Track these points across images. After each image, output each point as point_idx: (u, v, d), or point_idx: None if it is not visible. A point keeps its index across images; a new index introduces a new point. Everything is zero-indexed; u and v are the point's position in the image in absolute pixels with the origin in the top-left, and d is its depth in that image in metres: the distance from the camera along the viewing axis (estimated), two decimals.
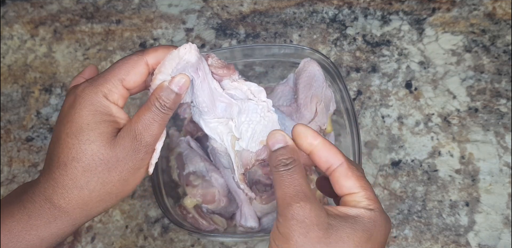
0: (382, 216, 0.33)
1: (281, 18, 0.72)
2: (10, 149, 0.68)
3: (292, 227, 0.31)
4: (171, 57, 0.38)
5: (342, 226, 0.31)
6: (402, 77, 0.67)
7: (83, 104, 0.36)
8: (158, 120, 0.37)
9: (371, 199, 0.34)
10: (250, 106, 0.41)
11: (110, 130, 0.36)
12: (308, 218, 0.31)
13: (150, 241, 0.62)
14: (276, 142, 0.35)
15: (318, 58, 0.58)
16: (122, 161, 0.36)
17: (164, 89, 0.37)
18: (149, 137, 0.37)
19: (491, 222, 0.60)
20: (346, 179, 0.34)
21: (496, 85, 0.66)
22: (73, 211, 0.36)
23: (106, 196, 0.37)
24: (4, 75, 0.73)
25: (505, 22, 0.69)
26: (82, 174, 0.35)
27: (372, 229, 0.32)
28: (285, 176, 0.33)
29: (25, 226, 0.35)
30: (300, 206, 0.31)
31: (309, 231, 0.31)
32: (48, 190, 0.35)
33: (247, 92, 0.41)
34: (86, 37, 0.73)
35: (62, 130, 0.36)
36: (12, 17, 0.76)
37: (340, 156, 0.35)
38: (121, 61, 0.37)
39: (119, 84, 0.37)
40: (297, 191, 0.32)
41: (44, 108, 0.70)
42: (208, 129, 0.41)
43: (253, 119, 0.41)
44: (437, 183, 0.62)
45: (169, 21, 0.73)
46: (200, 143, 0.60)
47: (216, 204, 0.55)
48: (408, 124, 0.65)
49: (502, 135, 0.63)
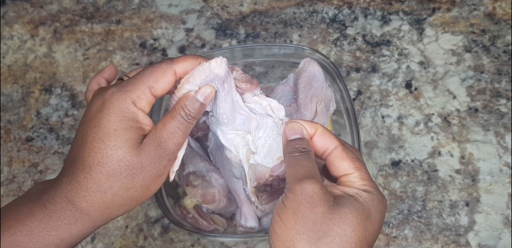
0: (377, 195, 0.35)
1: (281, 18, 0.72)
2: (10, 149, 0.68)
3: (300, 201, 0.33)
4: (201, 69, 0.38)
5: (344, 203, 0.33)
6: (402, 77, 0.67)
7: (111, 109, 0.36)
8: (183, 129, 0.37)
9: (365, 179, 0.35)
10: (269, 122, 0.42)
11: (136, 136, 0.36)
12: (316, 194, 0.33)
13: (150, 241, 0.62)
14: (294, 132, 0.37)
15: (318, 58, 0.58)
16: (146, 167, 0.36)
17: (190, 99, 0.38)
18: (173, 145, 0.37)
19: (491, 222, 0.60)
20: (340, 160, 0.36)
21: (496, 85, 0.66)
22: (94, 213, 0.36)
23: (127, 200, 0.37)
24: (4, 75, 0.73)
25: (505, 22, 0.69)
26: (106, 178, 0.36)
27: (370, 208, 0.34)
28: (300, 159, 0.36)
29: (46, 227, 0.35)
30: (311, 183, 0.33)
31: (316, 206, 0.32)
32: (71, 192, 0.36)
33: (267, 108, 0.42)
34: (86, 37, 0.73)
35: (88, 133, 0.36)
36: (12, 17, 0.76)
37: (335, 140, 0.37)
38: (150, 68, 0.38)
39: (148, 91, 0.37)
40: (309, 171, 0.35)
41: (44, 108, 0.70)
42: (225, 140, 0.42)
43: (270, 135, 0.42)
44: (437, 183, 0.62)
45: (169, 21, 0.73)
46: (200, 143, 0.60)
47: (216, 204, 0.55)
48: (408, 124, 0.65)
49: (502, 135, 0.63)
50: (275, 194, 0.54)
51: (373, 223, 0.34)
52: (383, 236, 0.60)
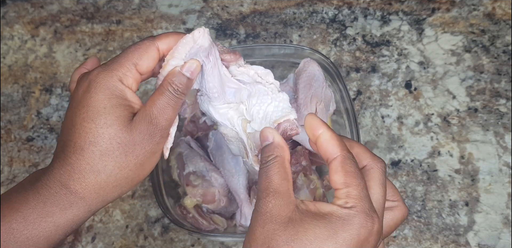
0: (359, 215, 0.31)
1: (281, 18, 0.72)
2: (10, 149, 0.68)
3: (254, 219, 0.33)
4: (184, 41, 0.38)
5: (302, 221, 0.31)
6: (401, 77, 0.68)
7: (98, 88, 0.35)
8: (172, 104, 0.37)
9: (351, 197, 0.32)
10: (260, 88, 0.41)
11: (126, 114, 0.36)
12: (269, 212, 0.32)
13: (150, 241, 0.62)
14: (264, 139, 0.36)
15: (318, 58, 0.58)
16: (139, 145, 0.36)
17: (176, 74, 0.37)
18: (164, 121, 0.37)
19: (490, 222, 0.60)
20: (334, 173, 0.33)
21: (495, 85, 0.66)
22: (89, 196, 0.36)
23: (122, 180, 0.37)
24: (4, 75, 0.73)
25: (505, 22, 0.69)
26: (99, 158, 0.35)
27: (337, 228, 0.31)
28: (261, 172, 0.35)
29: (41, 213, 0.35)
30: (265, 201, 0.33)
31: (266, 224, 0.32)
32: (64, 176, 0.35)
33: (254, 76, 0.41)
34: (87, 37, 0.74)
35: (77, 115, 0.36)
36: (13, 18, 0.76)
37: (338, 149, 0.34)
38: (133, 46, 0.38)
39: (133, 68, 0.37)
40: (266, 186, 0.33)
41: (44, 108, 0.70)
42: (218, 115, 0.42)
43: (264, 101, 0.41)
44: (436, 183, 0.62)
45: (169, 22, 0.74)
46: (200, 143, 0.60)
47: (216, 204, 0.55)
48: (408, 124, 0.65)
49: (501, 135, 0.63)
50: None
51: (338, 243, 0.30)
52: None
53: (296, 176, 0.55)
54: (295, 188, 0.55)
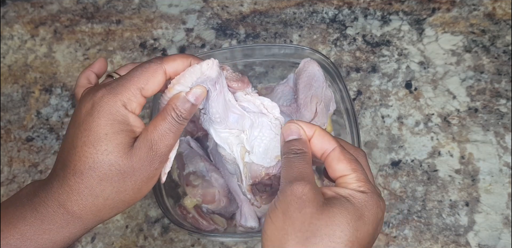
0: (373, 197, 0.34)
1: (281, 18, 0.72)
2: (10, 149, 0.68)
3: (290, 202, 0.33)
4: (192, 71, 0.38)
5: (335, 204, 0.33)
6: (402, 77, 0.67)
7: (101, 113, 0.35)
8: (174, 130, 0.37)
9: (361, 181, 0.35)
10: (264, 121, 0.41)
11: (127, 140, 0.36)
12: (306, 195, 0.33)
13: (150, 241, 0.62)
14: (290, 133, 0.37)
15: (318, 58, 0.58)
16: (137, 171, 0.36)
17: (181, 100, 0.37)
18: (164, 148, 0.37)
19: (491, 222, 0.60)
20: (338, 162, 0.36)
21: (496, 85, 0.66)
22: (86, 217, 0.36)
23: (119, 203, 0.37)
24: (4, 75, 0.73)
25: (505, 22, 0.69)
26: (98, 183, 0.35)
27: (362, 209, 0.33)
28: (293, 160, 0.36)
29: (38, 230, 0.36)
30: (301, 184, 0.34)
31: (304, 207, 0.33)
32: (62, 196, 0.36)
33: (260, 106, 0.41)
34: (86, 37, 0.73)
35: (78, 137, 0.36)
36: (13, 17, 0.76)
37: (333, 142, 0.37)
38: (140, 69, 0.37)
39: (138, 93, 0.37)
40: (301, 172, 0.35)
41: (44, 108, 0.70)
42: (219, 138, 0.42)
43: (266, 135, 0.41)
44: (437, 183, 0.62)
45: (169, 21, 0.73)
46: (200, 143, 0.60)
47: (216, 204, 0.55)
48: (408, 124, 0.65)
49: (502, 135, 0.63)
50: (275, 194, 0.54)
51: (366, 224, 0.33)
52: (383, 236, 0.60)
53: None
54: None
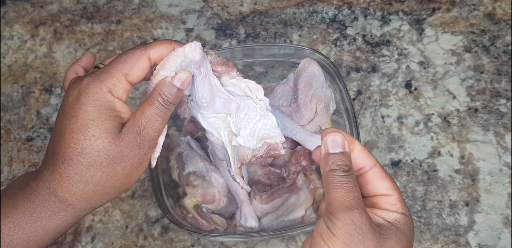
0: (411, 219, 0.34)
1: (281, 18, 0.72)
2: (10, 149, 0.68)
3: (351, 232, 0.32)
4: (176, 54, 0.38)
5: (389, 234, 0.33)
6: (402, 77, 0.68)
7: (88, 99, 0.36)
8: (161, 115, 0.37)
9: (401, 202, 0.35)
10: (249, 104, 0.41)
11: (114, 125, 0.36)
12: (365, 226, 0.32)
13: (150, 241, 0.62)
14: (336, 145, 0.35)
15: (318, 58, 0.58)
16: (126, 156, 0.36)
17: (167, 85, 0.38)
18: (153, 132, 0.37)
19: (491, 222, 0.60)
20: (381, 180, 0.35)
21: (496, 85, 0.66)
22: (77, 203, 0.37)
23: (110, 189, 0.37)
24: (4, 75, 0.73)
25: (505, 22, 0.69)
26: (87, 169, 0.36)
27: (410, 235, 0.34)
28: (345, 180, 0.34)
29: (30, 219, 0.36)
30: (359, 213, 0.32)
31: (366, 239, 0.32)
32: (53, 184, 0.36)
33: (245, 89, 0.42)
34: (86, 37, 0.73)
35: (66, 125, 0.36)
36: (12, 17, 0.76)
37: (373, 158, 0.36)
38: (124, 55, 0.38)
39: (123, 79, 0.37)
40: (356, 197, 0.33)
41: (44, 108, 0.70)
42: (206, 124, 0.42)
43: (252, 117, 0.41)
44: (437, 183, 0.62)
45: (169, 21, 0.73)
46: (200, 143, 0.60)
47: (216, 204, 0.55)
48: (408, 124, 0.65)
49: (502, 135, 0.63)
50: (275, 194, 0.54)
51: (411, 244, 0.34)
52: None
53: (296, 176, 0.55)
54: (295, 188, 0.55)
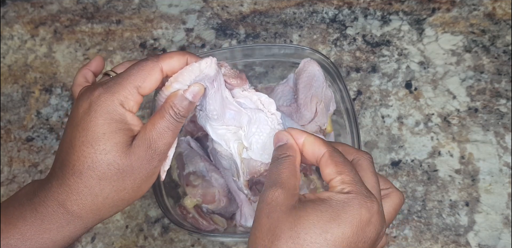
0: (357, 197, 0.32)
1: (281, 18, 0.72)
2: (10, 149, 0.68)
3: (259, 209, 0.34)
4: (191, 69, 0.38)
5: (305, 206, 0.33)
6: (402, 77, 0.68)
7: (99, 112, 0.35)
8: (172, 128, 0.37)
9: (346, 183, 0.34)
10: (261, 117, 0.41)
11: (125, 139, 0.36)
12: (275, 201, 0.33)
13: (150, 241, 0.62)
14: (278, 141, 0.38)
15: (318, 58, 0.58)
16: (136, 169, 0.36)
17: (179, 97, 0.37)
18: (163, 146, 0.37)
19: (491, 222, 0.60)
20: (325, 166, 0.35)
21: (496, 85, 0.66)
22: (86, 216, 0.36)
23: (118, 202, 0.37)
24: (4, 75, 0.73)
25: (505, 22, 0.69)
26: (97, 182, 0.35)
27: (338, 210, 0.32)
28: (271, 167, 0.36)
29: (38, 230, 0.36)
30: (271, 190, 0.33)
31: (272, 212, 0.33)
32: (62, 196, 0.36)
33: (257, 102, 0.41)
34: (86, 37, 0.73)
35: (76, 137, 0.36)
36: (12, 17, 0.76)
37: (323, 147, 0.36)
38: (137, 67, 0.37)
39: (135, 91, 0.36)
40: (275, 178, 0.35)
41: (44, 108, 0.70)
42: (215, 135, 0.42)
43: (264, 131, 0.41)
44: (437, 183, 0.62)
45: (169, 21, 0.73)
46: (200, 143, 0.60)
47: (216, 204, 0.55)
48: (408, 124, 0.65)
49: (502, 135, 0.63)
50: None
51: (341, 225, 0.31)
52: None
53: None
54: None
